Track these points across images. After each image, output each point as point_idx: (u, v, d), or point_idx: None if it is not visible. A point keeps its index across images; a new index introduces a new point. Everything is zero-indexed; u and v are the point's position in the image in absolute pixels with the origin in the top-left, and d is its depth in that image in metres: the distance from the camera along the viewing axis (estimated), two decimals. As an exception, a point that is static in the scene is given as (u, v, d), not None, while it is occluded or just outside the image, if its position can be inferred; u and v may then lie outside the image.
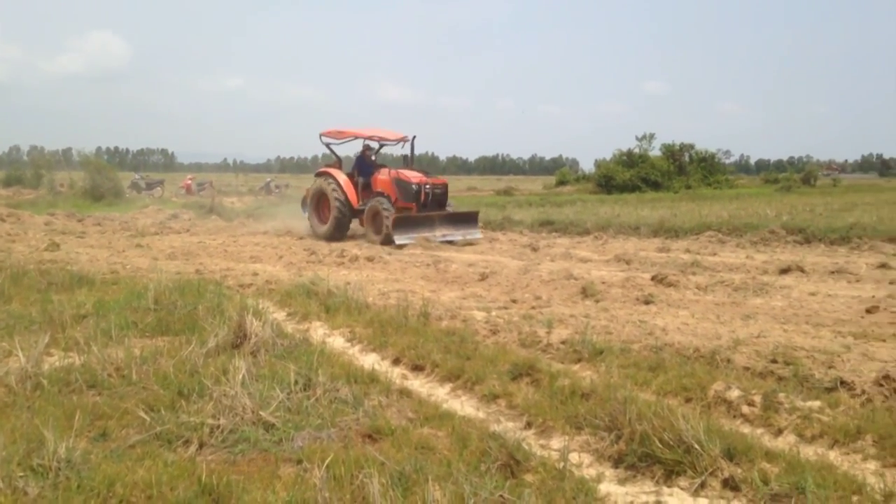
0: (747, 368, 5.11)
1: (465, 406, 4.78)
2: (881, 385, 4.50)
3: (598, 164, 53.90)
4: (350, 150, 22.88)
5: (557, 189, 52.23)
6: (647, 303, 8.03)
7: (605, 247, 14.97)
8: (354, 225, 17.47)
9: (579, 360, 5.58)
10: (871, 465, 3.58)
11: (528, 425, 4.36)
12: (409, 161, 17.41)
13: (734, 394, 4.44)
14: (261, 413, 4.21)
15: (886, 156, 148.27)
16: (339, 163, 18.17)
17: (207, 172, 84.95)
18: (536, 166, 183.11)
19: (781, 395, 4.32)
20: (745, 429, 4.09)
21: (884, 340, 6.09)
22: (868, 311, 7.27)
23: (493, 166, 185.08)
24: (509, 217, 20.63)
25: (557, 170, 74.67)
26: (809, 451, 3.73)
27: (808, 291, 8.74)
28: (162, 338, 6.28)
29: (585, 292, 8.60)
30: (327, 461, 3.47)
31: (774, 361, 5.21)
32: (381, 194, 16.35)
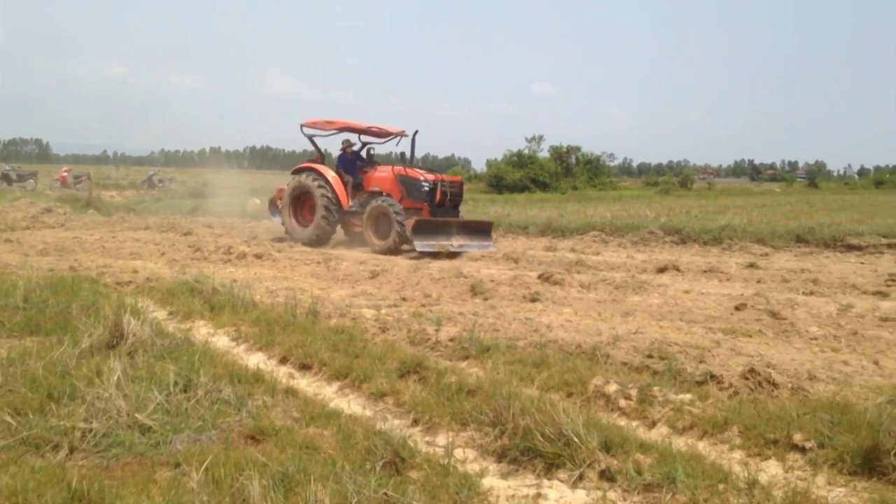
0: (625, 363, 5.31)
1: (352, 404, 4.75)
2: (747, 378, 4.77)
3: (489, 164, 54.84)
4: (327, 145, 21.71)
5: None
6: (533, 301, 8.22)
7: (495, 245, 15.21)
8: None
9: (467, 358, 5.65)
10: (737, 455, 3.80)
11: (415, 422, 4.38)
12: (408, 159, 15.53)
13: (612, 388, 4.61)
14: (137, 416, 4.03)
15: (757, 161, 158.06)
16: (321, 158, 16.20)
17: (85, 165, 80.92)
18: (429, 165, 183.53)
19: (656, 389, 4.52)
20: (622, 421, 4.25)
21: (750, 336, 6.47)
22: (737, 308, 7.70)
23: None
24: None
25: (450, 169, 75.41)
26: (681, 442, 3.92)
27: (682, 289, 9.18)
28: (31, 338, 5.92)
29: (474, 290, 8.72)
30: (206, 464, 3.37)
31: (650, 356, 5.44)
32: (380, 194, 14.36)
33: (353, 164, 15.52)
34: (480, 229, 14.33)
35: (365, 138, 16.07)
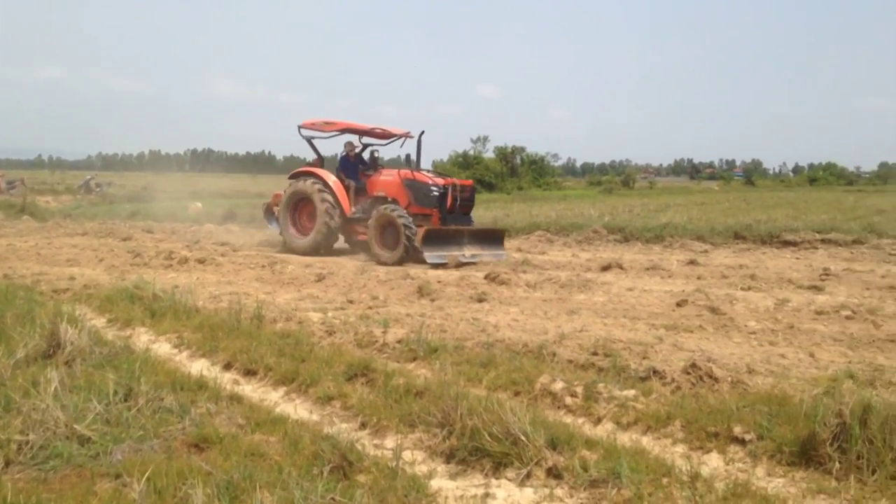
0: (571, 361, 5.37)
1: (298, 409, 4.70)
2: (688, 373, 4.87)
3: (435, 165, 54.90)
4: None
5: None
6: (480, 301, 8.26)
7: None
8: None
9: (415, 359, 5.64)
10: (680, 449, 3.88)
11: (363, 426, 4.35)
12: (413, 162, 14.04)
13: (558, 386, 4.65)
14: (75, 426, 3.91)
15: (696, 160, 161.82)
16: (320, 161, 15.11)
17: (19, 169, 78.28)
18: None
19: (601, 386, 4.58)
20: (569, 419, 4.30)
21: (691, 332, 6.62)
22: (678, 304, 7.86)
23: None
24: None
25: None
26: (625, 438, 3.99)
27: (626, 287, 9.33)
28: (-39, 350, 5.69)
29: (422, 291, 8.72)
30: (147, 474, 3.29)
31: (595, 354, 5.51)
32: (385, 199, 13.35)
33: (355, 168, 14.52)
34: (493, 237, 13.39)
35: (367, 140, 15.06)
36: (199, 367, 5.58)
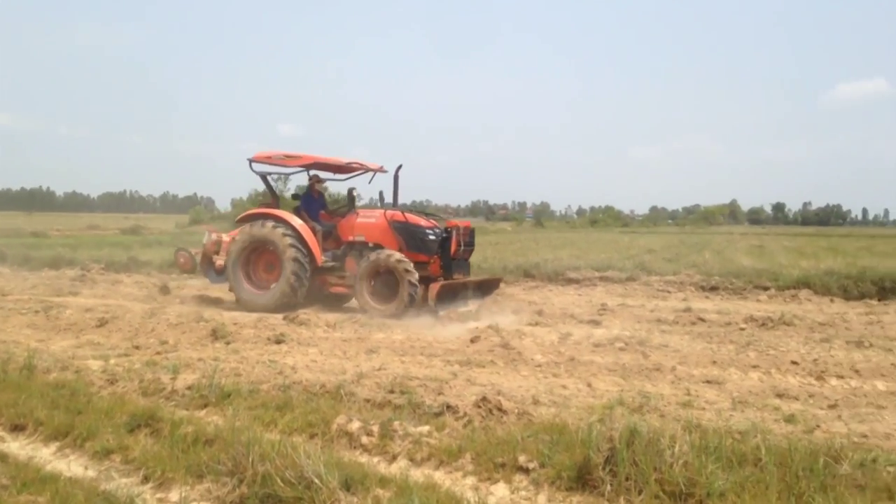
0: (368, 400, 5.41)
1: (72, 466, 4.34)
2: (479, 407, 5.08)
3: (234, 203, 53.34)
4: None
5: (191, 228, 50.45)
6: (278, 342, 8.10)
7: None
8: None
9: (206, 405, 5.41)
10: (470, 481, 4.02)
11: (146, 479, 4.08)
12: (393, 199, 12.19)
13: (355, 425, 4.66)
14: None
15: (491, 202, 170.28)
16: (276, 201, 12.77)
17: None
18: (169, 204, 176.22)
19: (396, 423, 4.65)
20: (364, 458, 4.32)
21: (484, 366, 6.91)
22: (472, 340, 8.19)
23: (119, 203, 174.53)
24: (135, 258, 19.30)
25: (191, 208, 72.25)
26: (418, 474, 4.07)
27: (424, 325, 9.56)
28: None
29: (216, 334, 8.40)
30: None
31: (392, 391, 5.60)
32: (364, 244, 11.56)
33: (318, 207, 12.62)
34: (492, 286, 12.29)
35: (325, 175, 13.05)
36: (-46, 425, 4.99)
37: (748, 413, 5.31)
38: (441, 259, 11.31)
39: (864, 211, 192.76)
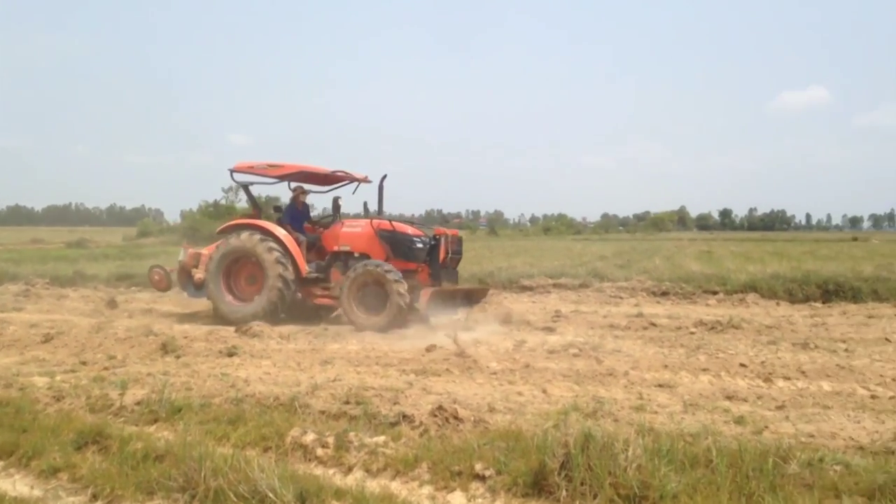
0: (323, 412, 5.36)
1: (17, 485, 4.22)
2: (435, 416, 5.07)
3: (184, 215, 52.62)
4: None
5: (139, 241, 49.56)
6: (230, 355, 7.98)
7: (189, 300, 14.51)
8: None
9: (156, 421, 5.31)
10: (426, 490, 4.01)
11: (94, 497, 3.99)
12: (378, 208, 11.93)
13: (310, 438, 4.61)
14: None
15: (445, 211, 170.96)
16: (258, 212, 12.60)
17: None
18: (116, 217, 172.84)
19: (352, 434, 4.62)
20: (319, 470, 4.27)
21: (439, 375, 6.90)
22: (427, 349, 8.17)
23: (64, 216, 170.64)
24: (81, 272, 18.84)
25: (139, 220, 70.91)
26: (374, 485, 4.04)
27: (380, 335, 9.52)
28: None
29: (166, 348, 8.23)
30: None
31: (348, 402, 5.55)
32: (350, 254, 11.41)
33: (301, 218, 12.36)
34: (481, 295, 11.91)
35: (309, 186, 12.71)
36: None
37: (699, 415, 5.41)
38: (430, 267, 11.17)
39: (808, 216, 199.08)
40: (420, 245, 11.16)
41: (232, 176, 12.06)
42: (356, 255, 11.34)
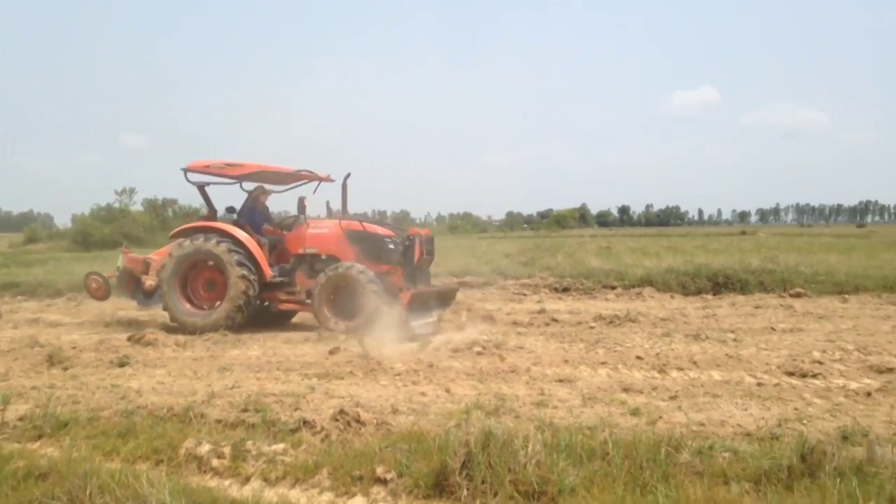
0: (220, 421, 5.20)
1: None
2: (337, 420, 4.99)
3: (75, 219, 50.30)
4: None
5: (27, 247, 47.04)
6: (122, 365, 7.64)
7: (79, 308, 13.86)
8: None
9: (40, 437, 5.03)
10: (327, 497, 3.93)
11: (-31, 523, 3.73)
12: (342, 207, 11.31)
13: (205, 448, 4.45)
14: None
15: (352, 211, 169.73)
16: (213, 214, 11.84)
17: None
18: (2, 222, 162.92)
19: (249, 443, 4.48)
20: (215, 482, 4.12)
21: (342, 378, 6.81)
22: (331, 352, 8.07)
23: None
24: (-39, 280, 17.69)
25: (27, 226, 67.17)
26: (272, 494, 3.93)
27: (282, 339, 9.33)
28: None
29: (52, 360, 7.80)
30: None
31: (246, 410, 5.41)
32: (317, 257, 10.87)
33: (263, 221, 11.69)
34: (451, 296, 11.56)
35: (269, 186, 12.03)
36: None
37: (597, 409, 5.54)
38: (404, 268, 10.72)
39: (700, 211, 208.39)
40: (392, 246, 10.80)
41: (186, 176, 11.29)
42: (323, 257, 10.88)
